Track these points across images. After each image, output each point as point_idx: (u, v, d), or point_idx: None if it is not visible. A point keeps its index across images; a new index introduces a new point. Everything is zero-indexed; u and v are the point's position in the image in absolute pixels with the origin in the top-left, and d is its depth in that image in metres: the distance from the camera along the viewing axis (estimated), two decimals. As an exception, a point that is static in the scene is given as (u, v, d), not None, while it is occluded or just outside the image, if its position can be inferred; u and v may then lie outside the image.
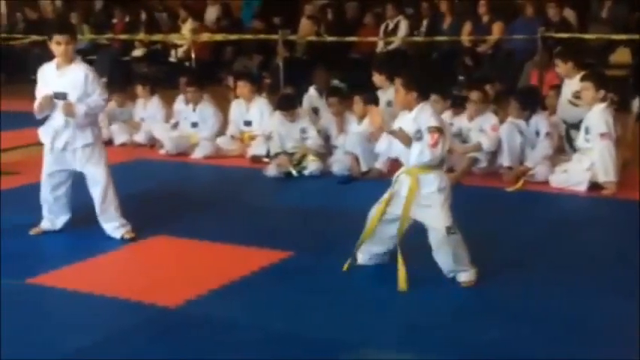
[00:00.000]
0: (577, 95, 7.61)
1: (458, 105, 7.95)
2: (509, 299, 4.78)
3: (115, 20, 14.94)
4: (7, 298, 4.98)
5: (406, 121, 4.91)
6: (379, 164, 7.63)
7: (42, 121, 6.08)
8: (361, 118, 7.93)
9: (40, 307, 4.86)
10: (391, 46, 12.34)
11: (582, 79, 7.35)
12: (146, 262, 5.64)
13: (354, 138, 7.82)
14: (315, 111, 8.90)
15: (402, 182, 4.97)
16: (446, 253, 4.90)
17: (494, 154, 7.60)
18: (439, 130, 4.78)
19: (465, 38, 11.72)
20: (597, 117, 7.10)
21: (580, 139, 7.30)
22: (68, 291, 5.04)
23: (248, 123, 9.00)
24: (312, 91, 9.23)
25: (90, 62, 6.55)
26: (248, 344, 4.27)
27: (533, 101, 7.64)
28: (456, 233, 4.89)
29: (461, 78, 11.31)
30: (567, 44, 9.95)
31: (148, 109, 9.61)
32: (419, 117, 4.83)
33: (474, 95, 7.77)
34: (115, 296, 4.90)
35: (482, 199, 7.00)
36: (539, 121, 7.48)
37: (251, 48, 13.37)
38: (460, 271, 4.94)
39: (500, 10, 11.96)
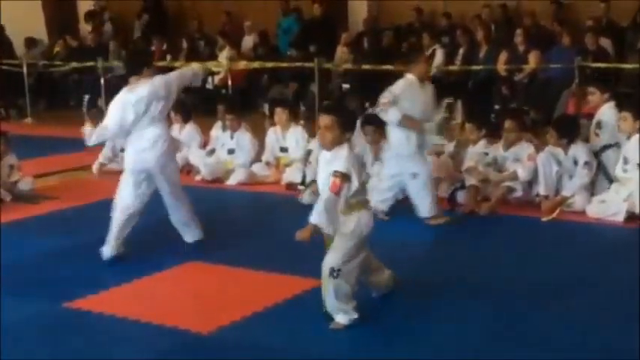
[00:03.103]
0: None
1: (494, 134, 7.92)
2: (543, 329, 4.72)
3: (152, 48, 15.13)
4: (44, 321, 5.04)
5: (327, 161, 4.75)
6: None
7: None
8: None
9: (77, 331, 4.91)
10: (427, 75, 12.33)
11: (621, 109, 7.32)
12: (180, 288, 5.67)
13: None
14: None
15: None
16: (328, 291, 4.75)
17: (530, 184, 7.55)
18: (344, 176, 4.60)
19: (501, 67, 11.69)
20: (635, 147, 7.04)
21: (618, 169, 7.23)
22: (104, 315, 5.08)
23: (284, 149, 9.04)
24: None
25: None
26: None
27: (571, 130, 7.56)
28: (339, 277, 4.67)
29: (497, 107, 11.27)
30: (604, 73, 9.90)
31: (182, 135, 9.66)
32: (336, 157, 4.68)
33: (508, 124, 7.74)
34: (149, 321, 4.94)
35: (518, 229, 6.95)
36: (578, 151, 7.40)
37: (287, 76, 13.46)
38: (338, 312, 4.79)
39: (536, 38, 11.92)
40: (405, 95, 6.86)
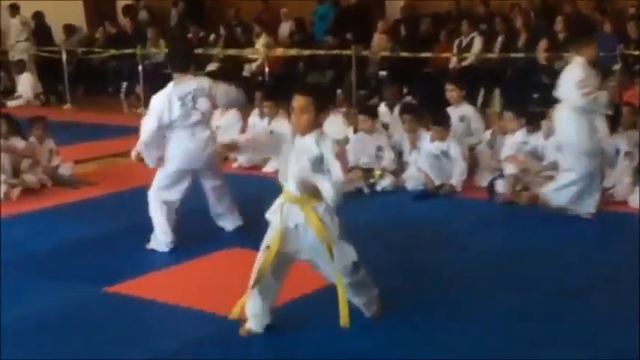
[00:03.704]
0: None
1: (532, 123, 7.83)
2: (581, 325, 4.67)
3: (190, 35, 15.19)
4: (85, 305, 5.08)
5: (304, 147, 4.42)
6: (453, 181, 7.59)
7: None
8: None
9: (118, 315, 4.95)
10: (465, 63, 12.25)
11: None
12: (220, 274, 5.68)
13: (424, 155, 7.80)
14: (385, 127, 8.87)
15: (291, 215, 4.58)
16: (359, 286, 4.57)
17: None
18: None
19: (541, 55, 11.55)
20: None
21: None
22: (145, 300, 5.12)
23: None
24: (382, 107, 9.23)
25: (165, 75, 6.66)
26: (319, 357, 4.29)
27: (613, 120, 7.44)
28: (360, 267, 4.51)
29: (535, 95, 11.14)
30: None
31: (223, 120, 9.58)
32: (320, 141, 4.40)
33: (551, 112, 7.63)
34: (190, 306, 4.96)
35: (557, 218, 6.86)
36: (620, 140, 7.31)
37: (323, 63, 13.42)
38: (368, 304, 4.67)
39: (577, 26, 11.74)
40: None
